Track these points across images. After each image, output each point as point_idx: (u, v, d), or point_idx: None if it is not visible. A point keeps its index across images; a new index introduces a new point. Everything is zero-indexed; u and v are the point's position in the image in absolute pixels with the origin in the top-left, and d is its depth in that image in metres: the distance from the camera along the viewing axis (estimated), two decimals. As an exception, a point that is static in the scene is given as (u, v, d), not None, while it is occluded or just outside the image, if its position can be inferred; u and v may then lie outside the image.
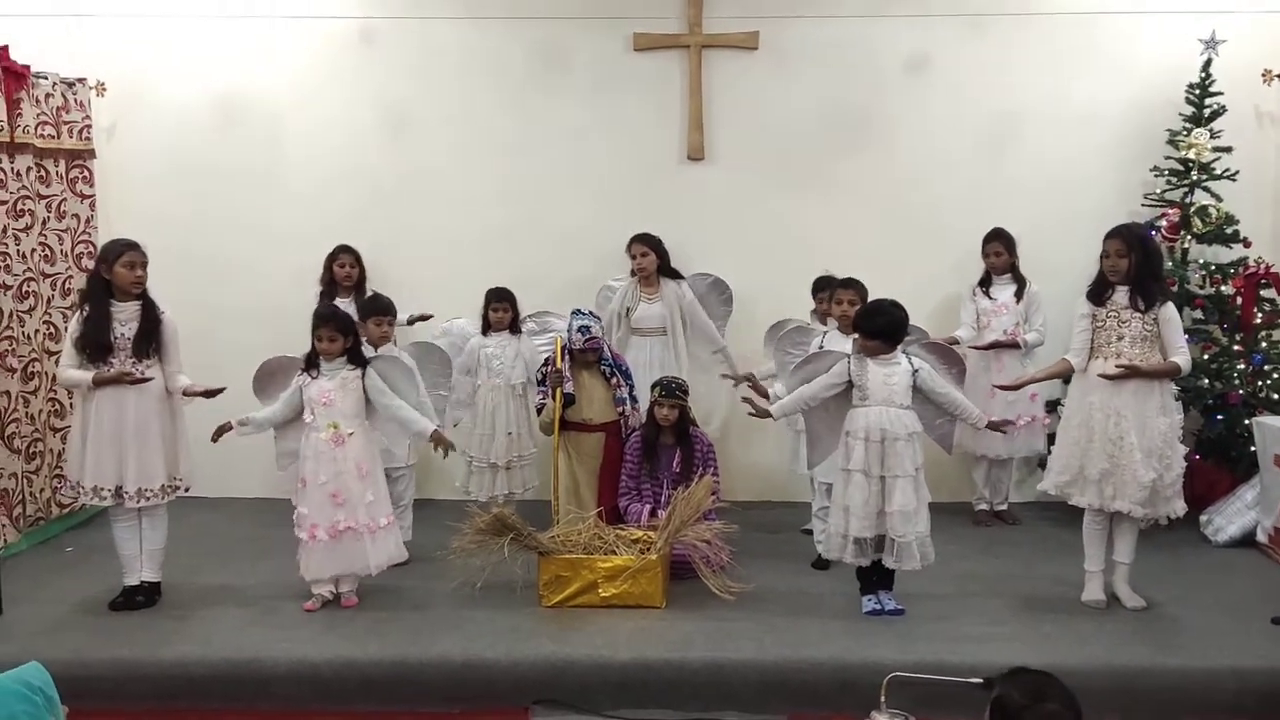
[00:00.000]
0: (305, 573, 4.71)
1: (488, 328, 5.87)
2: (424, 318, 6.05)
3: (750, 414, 4.83)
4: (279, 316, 5.84)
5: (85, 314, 4.57)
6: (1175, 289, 5.77)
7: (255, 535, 5.78)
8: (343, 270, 5.98)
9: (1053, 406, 6.13)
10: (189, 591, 4.89)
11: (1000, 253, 5.96)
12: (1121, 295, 4.50)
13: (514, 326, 5.88)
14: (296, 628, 4.49)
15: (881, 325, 4.50)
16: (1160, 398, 4.49)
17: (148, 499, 4.64)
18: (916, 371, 4.53)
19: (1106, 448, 4.45)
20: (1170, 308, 4.51)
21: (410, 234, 6.45)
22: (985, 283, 6.04)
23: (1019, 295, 5.96)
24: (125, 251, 4.56)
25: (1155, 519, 4.55)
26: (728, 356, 6.11)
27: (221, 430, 4.76)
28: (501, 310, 5.84)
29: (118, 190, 6.35)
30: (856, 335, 4.62)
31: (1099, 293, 4.56)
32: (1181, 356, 4.48)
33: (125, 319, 4.58)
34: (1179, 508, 4.54)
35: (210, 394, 4.70)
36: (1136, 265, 4.46)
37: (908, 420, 4.47)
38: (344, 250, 6.02)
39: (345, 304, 5.85)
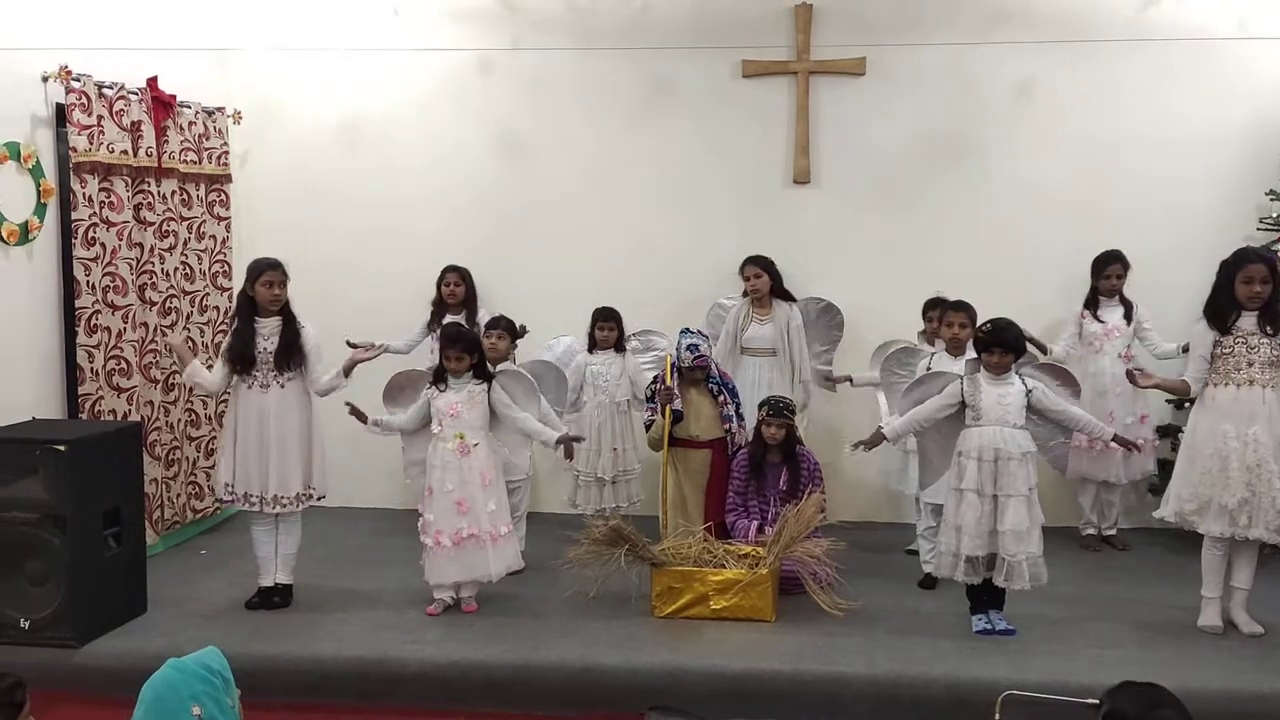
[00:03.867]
0: (429, 576, 4.88)
1: (593, 345, 6.01)
2: (523, 331, 6.15)
3: (858, 444, 4.92)
4: (397, 314, 6.32)
5: (234, 327, 4.87)
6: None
7: (373, 543, 6.02)
8: (448, 289, 6.18)
9: (1164, 432, 6.08)
10: (318, 593, 5.13)
11: (1121, 275, 5.89)
12: (1248, 321, 4.46)
13: (619, 345, 6.01)
14: (421, 630, 4.69)
15: (1015, 338, 4.56)
16: (1287, 425, 4.45)
17: (283, 505, 4.90)
18: (1030, 391, 4.55)
19: (1244, 476, 4.39)
20: None
21: (521, 254, 6.65)
22: (1092, 305, 5.99)
23: (1127, 318, 5.92)
24: (264, 271, 4.84)
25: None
26: (808, 390, 6.10)
27: (358, 413, 4.94)
28: (608, 329, 5.98)
29: (248, 212, 6.68)
30: (978, 354, 4.66)
31: (1224, 318, 4.50)
32: None
33: (268, 333, 4.86)
34: (1303, 533, 4.49)
35: (368, 350, 5.04)
36: (1272, 290, 4.44)
37: (1021, 440, 4.50)
38: (450, 270, 6.21)
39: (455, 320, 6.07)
